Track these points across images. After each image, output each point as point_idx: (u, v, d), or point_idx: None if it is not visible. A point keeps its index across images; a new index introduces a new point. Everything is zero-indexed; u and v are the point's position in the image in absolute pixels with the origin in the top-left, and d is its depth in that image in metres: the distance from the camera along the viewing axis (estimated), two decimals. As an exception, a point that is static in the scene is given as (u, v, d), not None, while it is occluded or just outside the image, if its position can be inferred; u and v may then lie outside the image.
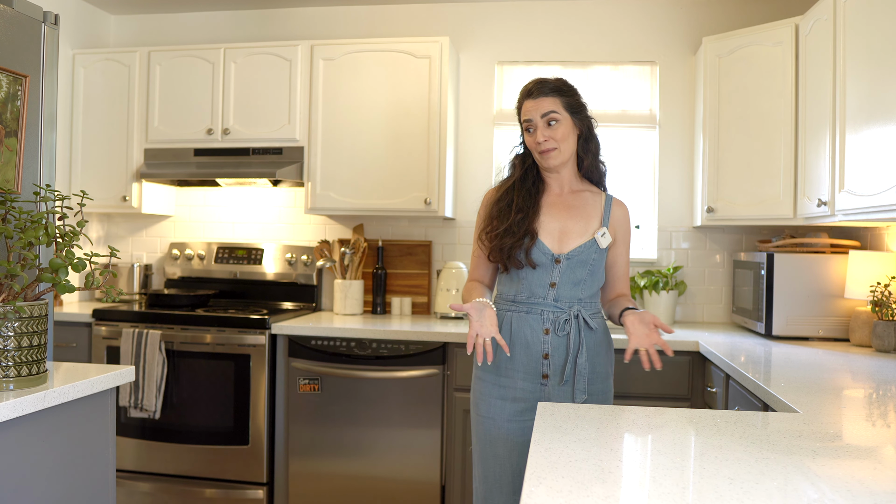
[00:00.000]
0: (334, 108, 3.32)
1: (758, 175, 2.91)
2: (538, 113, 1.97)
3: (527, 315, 1.97)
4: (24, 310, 1.50)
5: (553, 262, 1.96)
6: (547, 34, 3.52)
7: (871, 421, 1.56)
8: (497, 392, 1.98)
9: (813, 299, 2.75)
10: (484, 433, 1.99)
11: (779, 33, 2.84)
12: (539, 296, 1.97)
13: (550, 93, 1.99)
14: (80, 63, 3.55)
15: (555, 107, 1.97)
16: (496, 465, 1.96)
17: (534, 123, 1.99)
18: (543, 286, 1.97)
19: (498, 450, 1.96)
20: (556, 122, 1.97)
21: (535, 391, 1.96)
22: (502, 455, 1.96)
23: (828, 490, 1.00)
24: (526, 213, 1.98)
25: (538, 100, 1.99)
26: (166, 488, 3.06)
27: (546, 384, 1.96)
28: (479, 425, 2.01)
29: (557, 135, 1.97)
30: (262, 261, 3.63)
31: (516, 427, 1.95)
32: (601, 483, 1.03)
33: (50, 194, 1.72)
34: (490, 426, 1.98)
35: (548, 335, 1.96)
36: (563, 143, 1.98)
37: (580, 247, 1.97)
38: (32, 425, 1.51)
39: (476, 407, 2.03)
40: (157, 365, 3.01)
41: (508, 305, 2.02)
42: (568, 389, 1.95)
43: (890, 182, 2.04)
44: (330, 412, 2.96)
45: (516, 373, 1.97)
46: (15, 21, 1.82)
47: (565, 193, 2.06)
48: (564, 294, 1.97)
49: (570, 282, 1.97)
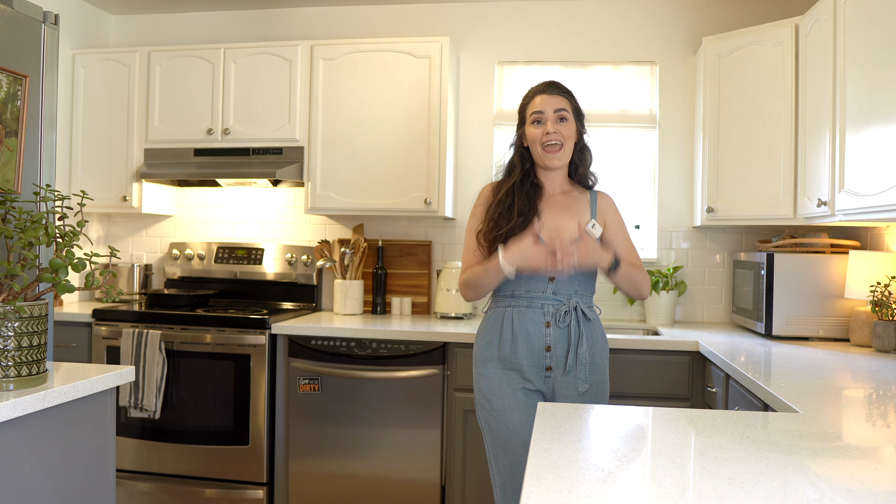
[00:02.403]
0: (334, 108, 3.32)
1: (758, 175, 2.91)
2: (551, 107, 2.06)
3: (527, 309, 2.03)
4: (24, 310, 1.50)
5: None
6: (547, 34, 3.52)
7: (871, 421, 1.56)
8: (506, 382, 2.02)
9: (813, 299, 2.75)
10: (502, 425, 2.01)
11: (779, 33, 2.84)
12: (538, 290, 2.03)
13: (563, 93, 2.09)
14: (80, 63, 3.55)
15: (566, 105, 2.07)
16: (521, 451, 1.97)
17: (545, 116, 2.05)
18: (542, 281, 2.03)
19: (521, 434, 1.98)
20: (566, 121, 2.07)
21: (540, 383, 2.03)
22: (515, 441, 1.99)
23: (828, 490, 1.00)
24: (527, 217, 2.04)
25: (553, 96, 2.07)
26: (166, 488, 3.06)
27: (550, 375, 2.03)
28: (495, 419, 2.02)
29: (565, 132, 2.06)
30: (262, 261, 3.63)
31: (529, 417, 1.98)
32: (601, 483, 1.03)
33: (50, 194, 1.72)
34: (508, 416, 2.00)
35: (549, 328, 2.02)
36: (568, 141, 2.07)
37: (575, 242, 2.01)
38: (32, 425, 1.51)
39: (488, 402, 2.04)
40: (157, 365, 3.01)
41: (508, 301, 2.07)
42: (571, 380, 2.02)
43: (890, 182, 2.04)
44: (330, 412, 2.96)
45: (521, 366, 2.03)
46: (15, 21, 1.82)
47: (558, 194, 2.14)
48: (563, 287, 2.03)
49: (568, 276, 2.02)
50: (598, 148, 3.47)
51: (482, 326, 2.14)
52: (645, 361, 2.74)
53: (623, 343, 2.74)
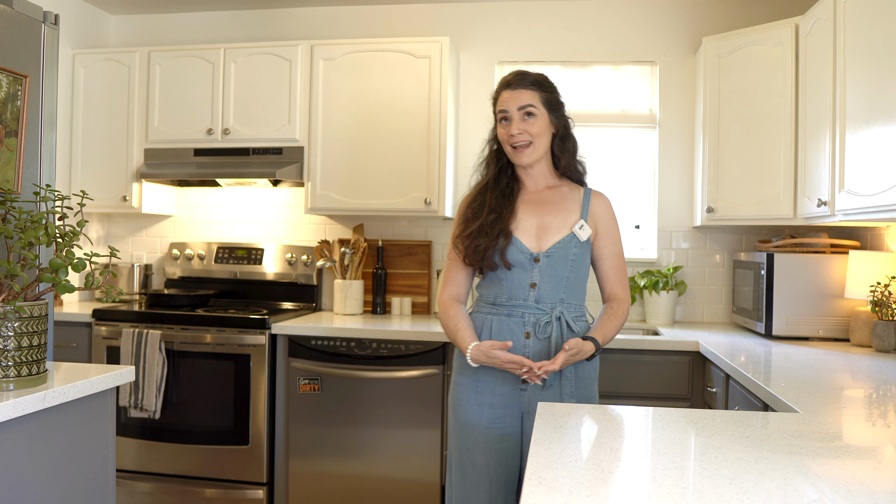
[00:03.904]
0: (334, 108, 3.32)
1: (758, 175, 2.91)
2: (515, 105, 1.91)
3: (507, 318, 1.91)
4: (24, 310, 1.50)
5: (532, 261, 1.89)
6: (547, 34, 3.52)
7: (871, 421, 1.56)
8: (475, 398, 1.92)
9: (813, 299, 2.75)
10: (461, 439, 1.94)
11: (779, 33, 2.84)
12: (519, 297, 1.90)
13: (530, 86, 1.93)
14: (80, 63, 3.55)
15: (533, 101, 1.91)
16: (473, 472, 1.91)
17: (509, 115, 1.93)
18: (523, 287, 1.90)
19: (476, 457, 1.91)
20: (533, 117, 1.91)
21: (515, 396, 1.90)
22: (479, 462, 1.91)
23: (828, 490, 1.00)
24: (499, 213, 1.91)
25: (517, 91, 1.92)
26: (166, 488, 3.06)
27: (525, 389, 1.89)
28: (457, 431, 1.95)
29: (533, 129, 1.91)
30: (262, 261, 3.63)
31: (495, 434, 1.90)
32: (601, 483, 1.03)
33: (50, 194, 1.72)
34: (469, 432, 1.92)
35: (528, 339, 1.89)
36: (537, 138, 1.92)
37: (559, 242, 1.90)
38: (32, 425, 1.51)
39: (454, 412, 1.97)
40: (157, 365, 3.01)
41: (489, 309, 1.95)
42: (549, 394, 1.88)
43: (890, 182, 2.04)
44: (330, 412, 2.96)
45: (495, 378, 1.91)
46: (15, 21, 1.82)
47: (541, 190, 1.99)
48: (546, 295, 1.90)
49: (552, 281, 1.89)
50: (598, 148, 3.50)
51: None
52: (645, 361, 2.74)
53: (623, 343, 2.74)
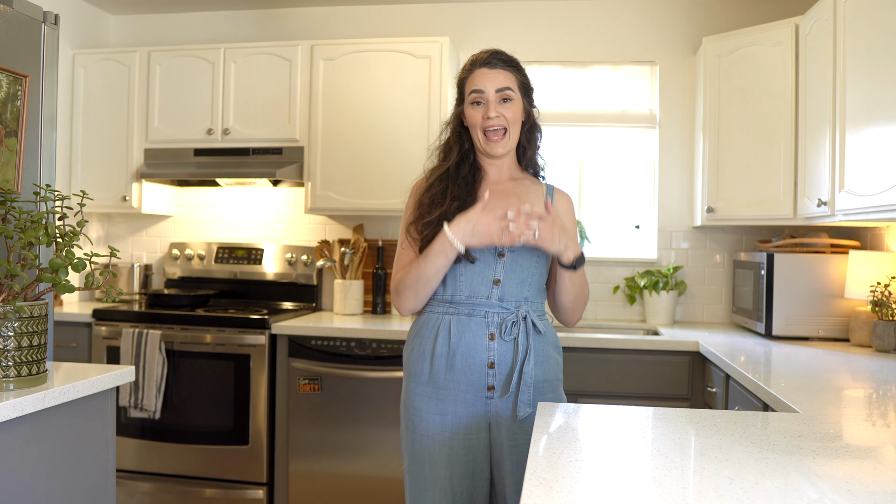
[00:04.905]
0: (334, 108, 3.32)
1: (758, 175, 2.91)
2: (493, 86, 1.73)
3: (468, 318, 1.71)
4: (24, 310, 1.50)
5: (496, 255, 1.71)
6: (547, 34, 3.52)
7: (871, 421, 1.56)
8: (436, 407, 1.72)
9: (813, 299, 2.75)
10: (421, 453, 1.73)
11: (779, 33, 2.84)
12: (481, 295, 1.71)
13: (507, 67, 1.76)
14: (80, 63, 3.55)
15: (510, 83, 1.75)
16: (435, 489, 1.71)
17: (486, 96, 1.73)
18: (486, 284, 1.71)
19: (439, 471, 1.70)
20: (511, 101, 1.75)
21: (480, 405, 1.71)
22: (442, 477, 1.70)
23: (828, 490, 1.00)
24: (463, 202, 1.73)
25: (495, 70, 1.74)
26: (166, 488, 3.06)
27: (493, 396, 1.70)
28: (415, 444, 1.74)
29: (509, 114, 1.74)
30: (262, 261, 3.63)
31: (460, 445, 1.70)
32: (601, 483, 1.03)
33: (50, 194, 1.72)
34: (429, 445, 1.72)
35: (493, 341, 1.69)
36: (512, 125, 1.76)
37: None
38: (32, 425, 1.51)
39: (411, 423, 1.75)
40: (157, 365, 3.01)
41: (446, 308, 1.74)
42: (511, 401, 1.69)
43: (890, 182, 2.04)
44: (330, 412, 2.96)
45: (458, 385, 1.70)
46: (15, 21, 1.82)
47: (504, 181, 1.83)
48: (510, 293, 1.71)
49: (517, 278, 1.72)
50: (598, 148, 3.50)
51: (412, 333, 1.81)
52: (645, 361, 2.74)
53: (623, 343, 2.74)
